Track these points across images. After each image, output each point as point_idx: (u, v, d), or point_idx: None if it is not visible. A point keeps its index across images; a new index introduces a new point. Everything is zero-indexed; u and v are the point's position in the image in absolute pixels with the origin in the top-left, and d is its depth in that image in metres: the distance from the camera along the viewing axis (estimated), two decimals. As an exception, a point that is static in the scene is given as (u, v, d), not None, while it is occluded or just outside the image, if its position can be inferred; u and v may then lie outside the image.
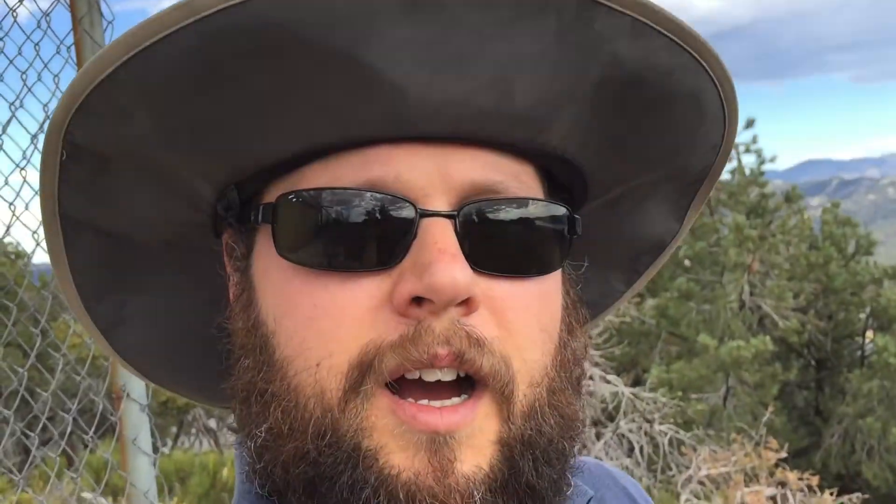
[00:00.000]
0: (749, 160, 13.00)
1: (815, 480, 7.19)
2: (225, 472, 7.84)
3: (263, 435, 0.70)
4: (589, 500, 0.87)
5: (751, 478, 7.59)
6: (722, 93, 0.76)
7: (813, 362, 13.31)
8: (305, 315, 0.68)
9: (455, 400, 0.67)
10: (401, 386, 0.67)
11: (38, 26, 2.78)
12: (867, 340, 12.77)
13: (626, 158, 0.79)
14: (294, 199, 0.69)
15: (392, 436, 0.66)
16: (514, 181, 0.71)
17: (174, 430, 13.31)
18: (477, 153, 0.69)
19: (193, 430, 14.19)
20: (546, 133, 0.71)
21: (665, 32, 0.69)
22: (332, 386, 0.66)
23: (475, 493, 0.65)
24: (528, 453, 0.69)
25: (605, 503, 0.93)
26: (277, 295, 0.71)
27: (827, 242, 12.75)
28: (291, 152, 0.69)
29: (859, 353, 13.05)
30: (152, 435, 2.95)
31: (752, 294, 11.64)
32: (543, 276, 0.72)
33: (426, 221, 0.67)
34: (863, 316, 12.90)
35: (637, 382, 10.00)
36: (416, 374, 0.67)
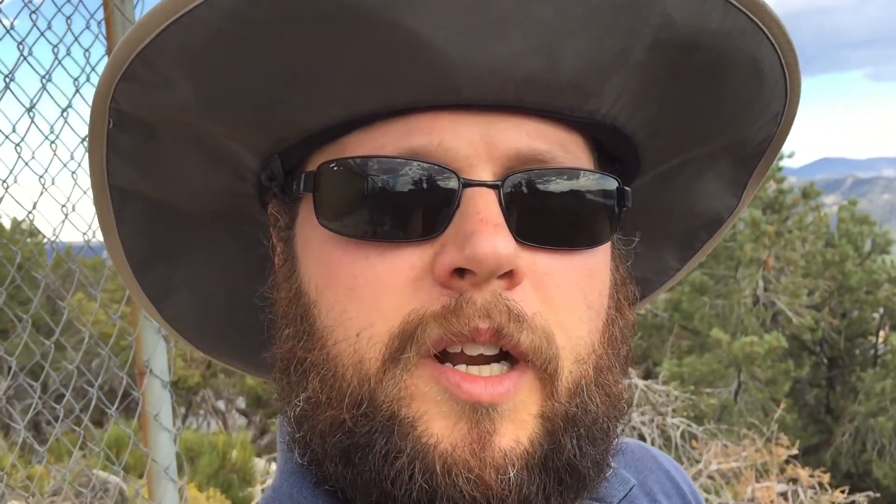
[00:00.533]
0: (767, 156, 12.89)
1: (825, 478, 7.17)
2: (234, 453, 7.88)
3: (302, 404, 0.70)
4: (630, 489, 0.85)
5: (761, 473, 7.58)
6: (783, 59, 0.73)
7: (825, 360, 13.26)
8: (346, 285, 0.68)
9: (498, 368, 0.66)
10: (444, 357, 0.66)
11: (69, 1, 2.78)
12: (881, 340, 12.71)
13: (680, 128, 0.76)
14: (335, 168, 0.69)
15: (435, 402, 0.65)
16: (561, 151, 0.69)
17: (183, 410, 13.38)
18: (523, 121, 0.68)
19: (202, 412, 14.28)
20: (595, 101, 0.69)
21: None
22: (371, 355, 0.66)
23: (510, 469, 0.64)
24: (573, 430, 0.68)
25: (647, 486, 0.92)
26: (319, 264, 0.71)
27: (843, 240, 12.68)
28: (333, 120, 0.69)
29: (872, 352, 12.99)
30: (173, 412, 2.97)
31: (766, 290, 11.59)
32: (591, 250, 0.71)
33: (469, 191, 0.65)
34: (877, 315, 12.84)
35: (648, 375, 9.98)
36: (458, 348, 0.66)
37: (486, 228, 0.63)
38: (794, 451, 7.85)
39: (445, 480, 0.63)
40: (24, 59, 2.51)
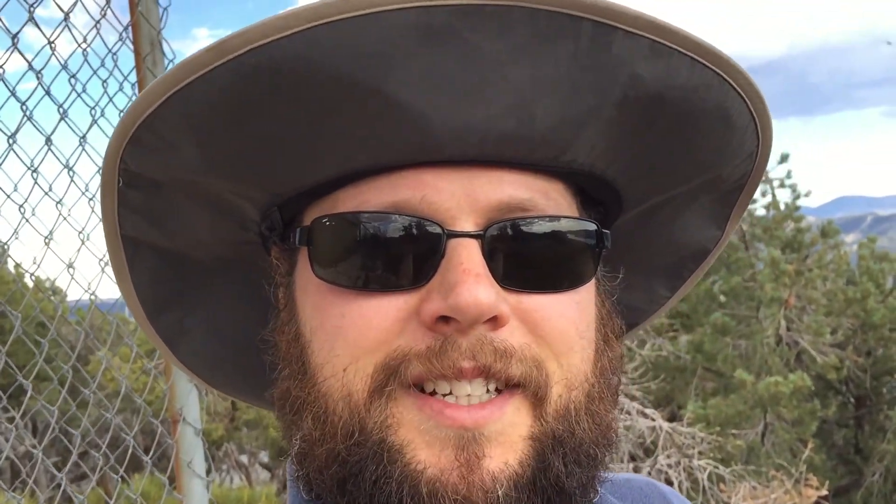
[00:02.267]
0: (784, 195, 12.88)
1: (857, 518, 7.05)
2: (259, 506, 7.84)
3: (299, 443, 0.74)
4: None
5: (791, 515, 7.47)
6: (751, 105, 0.77)
7: (852, 399, 13.06)
8: (334, 324, 0.72)
9: (482, 396, 0.69)
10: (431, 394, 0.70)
11: (102, 64, 2.91)
12: (907, 377, 12.53)
13: (657, 173, 0.80)
14: (327, 223, 0.73)
15: (418, 431, 0.68)
16: (542, 198, 0.73)
17: (207, 465, 13.29)
18: (503, 174, 0.71)
19: (225, 466, 14.22)
20: (571, 152, 0.73)
21: (684, 51, 0.70)
22: (357, 388, 0.70)
23: (498, 489, 0.66)
24: (559, 450, 0.71)
25: None
26: (313, 308, 0.75)
27: (864, 277, 12.58)
28: (325, 178, 0.73)
29: (899, 390, 12.80)
30: (205, 459, 3.02)
31: (788, 329, 11.49)
32: (575, 290, 0.74)
33: (453, 242, 0.69)
34: (902, 352, 12.66)
35: (673, 418, 9.88)
36: (446, 388, 0.69)
37: (467, 279, 0.67)
38: (824, 492, 7.74)
39: (433, 503, 0.66)
40: (63, 120, 2.62)
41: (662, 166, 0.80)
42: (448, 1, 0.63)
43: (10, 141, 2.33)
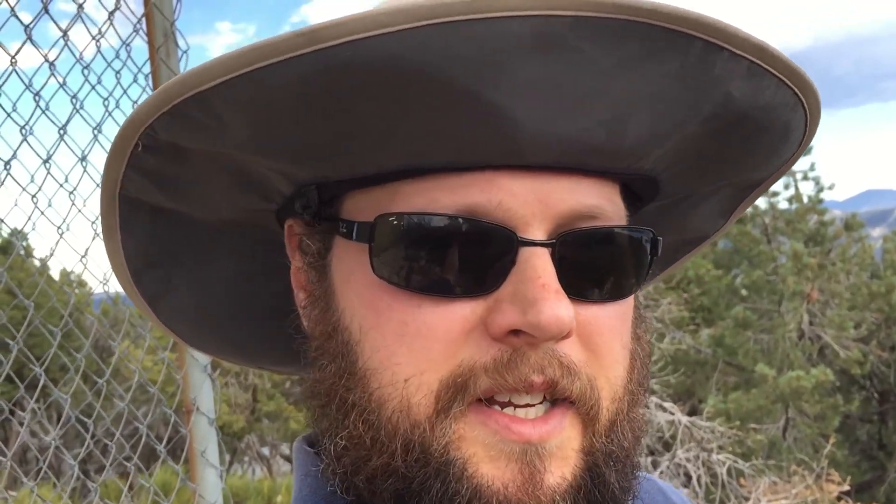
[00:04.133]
0: (807, 188, 12.76)
1: (879, 514, 6.99)
2: (279, 498, 7.91)
3: (344, 442, 0.71)
4: None
5: (812, 511, 7.41)
6: (809, 122, 0.77)
7: (876, 394, 12.95)
8: (395, 331, 0.68)
9: (540, 408, 0.68)
10: (489, 401, 0.68)
11: (117, 56, 2.92)
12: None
13: (706, 175, 0.80)
14: (395, 221, 0.69)
15: (483, 446, 0.67)
16: (608, 204, 0.71)
17: (228, 456, 13.45)
18: (577, 180, 0.69)
19: (246, 458, 14.34)
20: (644, 161, 0.72)
21: (776, 73, 0.69)
22: (421, 402, 0.67)
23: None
24: (611, 464, 0.70)
25: None
26: (364, 305, 0.71)
27: (889, 271, 12.45)
28: (388, 169, 0.69)
29: (925, 385, 12.67)
30: (219, 450, 3.04)
31: (811, 323, 11.40)
32: (626, 299, 0.73)
33: (526, 251, 0.67)
34: (927, 347, 12.54)
35: (693, 412, 9.85)
36: (506, 398, 0.67)
37: (548, 296, 0.64)
38: (846, 488, 7.67)
39: None
40: (77, 111, 2.64)
41: (713, 170, 0.80)
42: (568, 11, 0.61)
43: (24, 131, 2.35)
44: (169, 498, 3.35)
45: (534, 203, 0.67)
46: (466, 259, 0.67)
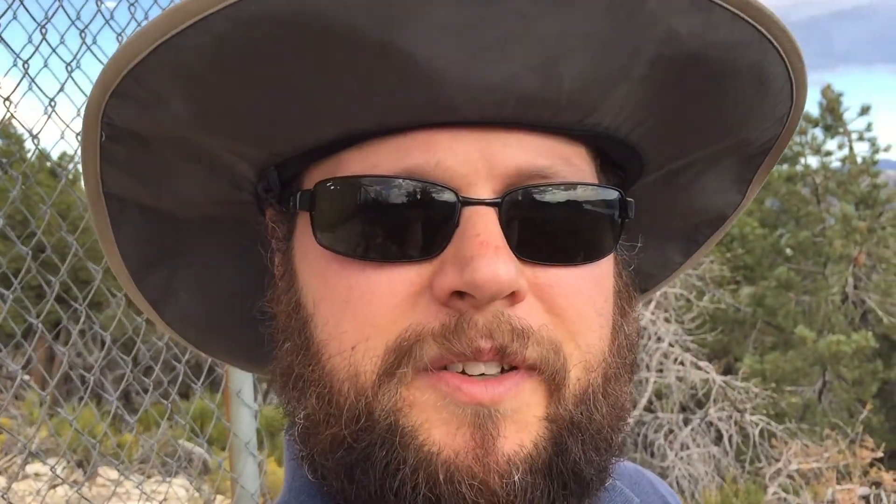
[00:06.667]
0: (862, 148, 12.40)
1: (912, 483, 6.95)
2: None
3: (303, 422, 0.70)
4: None
5: (843, 476, 7.38)
6: (790, 66, 0.72)
7: (917, 362, 12.76)
8: (341, 298, 0.67)
9: (496, 369, 0.65)
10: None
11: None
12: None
13: (683, 135, 0.76)
14: (332, 187, 0.68)
15: (434, 409, 0.64)
16: (563, 165, 0.68)
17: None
18: (523, 137, 0.66)
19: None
20: (595, 115, 0.68)
21: (726, 5, 0.65)
22: (366, 368, 0.65)
23: (514, 473, 0.63)
24: (578, 436, 0.67)
25: None
26: (315, 278, 0.70)
27: (941, 238, 12.15)
28: (328, 137, 0.68)
29: (968, 355, 12.44)
30: (254, 388, 3.08)
31: (856, 288, 11.21)
32: (595, 263, 0.69)
33: (468, 210, 0.64)
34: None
35: (728, 371, 9.79)
36: (458, 367, 0.64)
37: (485, 252, 0.62)
38: (880, 454, 7.62)
39: (449, 489, 0.62)
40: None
41: (688, 128, 0.75)
42: None
43: (70, 67, 2.34)
44: (205, 431, 3.42)
45: (477, 161, 0.65)
46: (408, 222, 0.65)
